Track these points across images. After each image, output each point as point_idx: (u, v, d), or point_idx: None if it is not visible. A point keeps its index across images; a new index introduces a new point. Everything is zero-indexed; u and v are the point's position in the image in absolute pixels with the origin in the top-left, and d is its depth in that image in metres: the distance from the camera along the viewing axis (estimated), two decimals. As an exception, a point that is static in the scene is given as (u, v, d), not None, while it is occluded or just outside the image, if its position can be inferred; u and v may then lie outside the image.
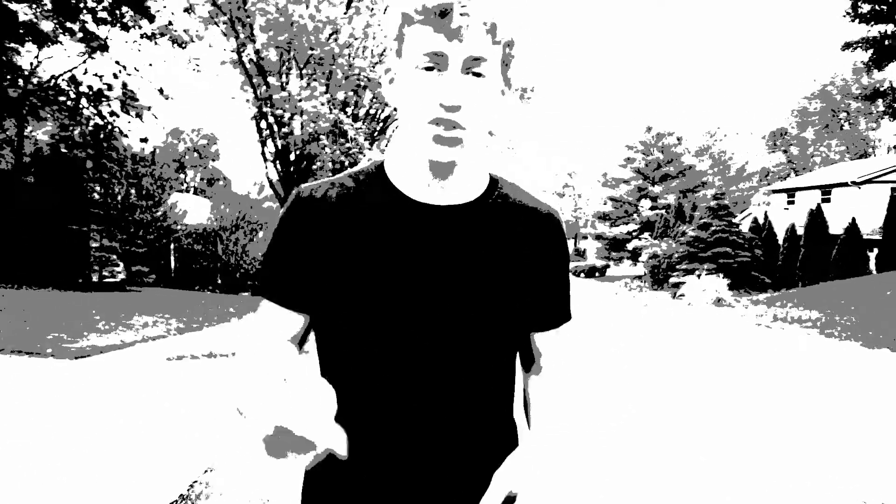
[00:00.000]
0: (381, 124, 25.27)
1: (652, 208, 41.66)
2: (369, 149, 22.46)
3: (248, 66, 21.77)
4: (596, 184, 48.88)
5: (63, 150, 22.67)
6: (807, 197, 36.22)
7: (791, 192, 38.12)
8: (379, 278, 0.95)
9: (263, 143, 23.92)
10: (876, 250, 21.29)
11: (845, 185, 32.27)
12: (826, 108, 59.68)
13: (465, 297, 0.96)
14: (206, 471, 3.92)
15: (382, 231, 0.97)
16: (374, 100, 25.32)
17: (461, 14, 0.85)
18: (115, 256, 16.68)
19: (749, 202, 49.16)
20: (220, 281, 20.62)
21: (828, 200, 33.92)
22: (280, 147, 22.53)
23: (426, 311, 0.95)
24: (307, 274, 0.98)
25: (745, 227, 26.93)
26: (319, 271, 0.97)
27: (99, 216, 18.03)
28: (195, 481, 3.75)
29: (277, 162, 23.51)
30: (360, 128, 21.10)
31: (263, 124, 23.18)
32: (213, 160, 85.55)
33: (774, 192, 40.74)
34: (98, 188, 17.50)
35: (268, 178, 24.26)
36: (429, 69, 0.88)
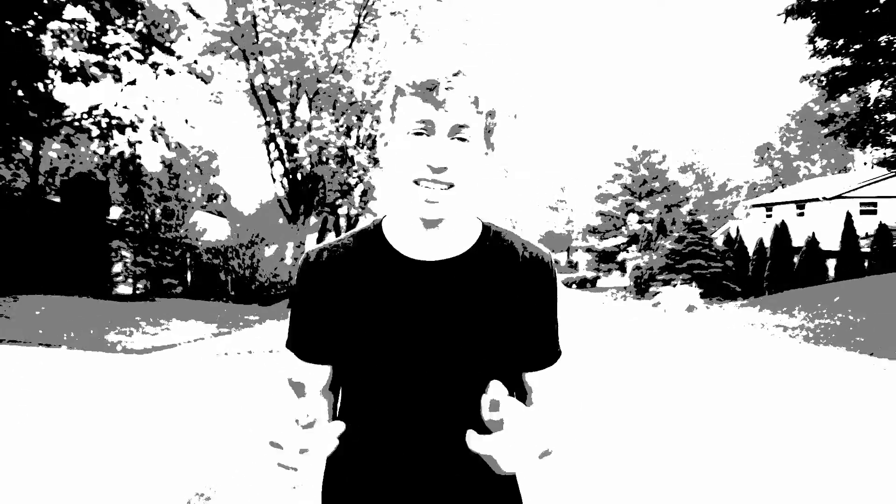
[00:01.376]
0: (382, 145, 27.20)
1: (639, 222, 43.69)
2: (370, 167, 24.38)
3: (259, 94, 23.72)
4: (587, 198, 51.00)
5: (88, 174, 24.57)
6: (783, 211, 38.29)
7: (769, 207, 40.18)
8: (379, 332, 1.05)
9: (272, 165, 25.87)
10: (835, 260, 23.24)
11: (817, 200, 34.34)
12: (808, 124, 62.04)
13: (456, 344, 1.04)
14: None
15: (381, 288, 1.07)
16: (374, 123, 27.30)
17: (447, 88, 0.97)
18: (144, 270, 18.49)
19: (732, 215, 51.28)
20: (233, 292, 22.40)
21: (802, 214, 35.99)
22: (289, 168, 24.42)
23: (423, 360, 1.05)
24: (320, 333, 1.10)
25: (746, 235, 28.94)
26: (331, 326, 1.09)
27: (125, 233, 19.89)
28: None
29: (285, 181, 25.44)
30: (363, 151, 22.99)
31: (272, 147, 25.15)
32: (214, 175, 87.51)
33: (755, 206, 42.82)
34: (131, 209, 19.36)
35: (277, 196, 26.20)
36: (418, 134, 0.99)
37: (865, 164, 50.57)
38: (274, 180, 26.40)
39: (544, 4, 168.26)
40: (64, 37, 17.07)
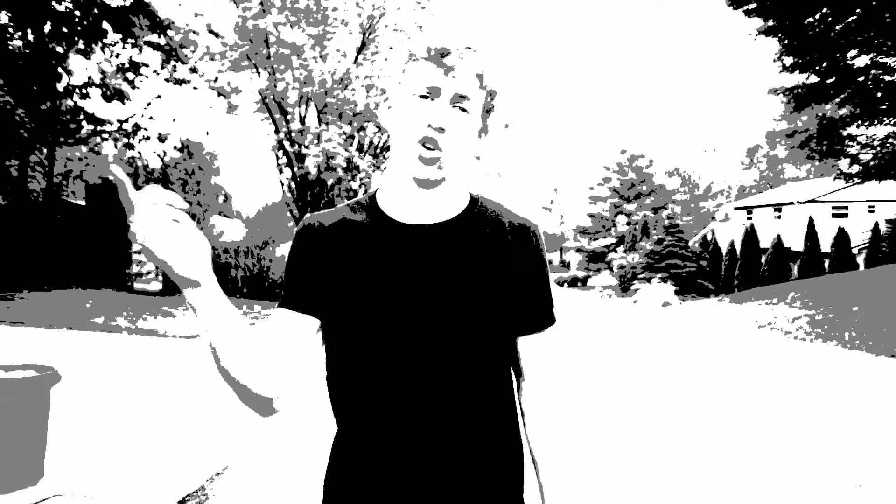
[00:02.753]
0: (383, 153, 29.11)
1: (627, 224, 45.73)
2: (375, 171, 26.38)
3: (269, 105, 25.62)
4: (578, 200, 53.11)
5: (111, 180, 26.45)
6: (762, 213, 40.43)
7: (749, 210, 42.32)
8: (372, 294, 1.06)
9: (280, 171, 27.80)
10: (800, 261, 25.28)
11: (792, 203, 36.46)
12: (800, 126, 63.97)
13: (449, 305, 1.06)
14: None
15: (373, 251, 1.09)
16: (377, 132, 29.30)
17: (457, 58, 1.04)
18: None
19: (714, 218, 53.36)
20: (245, 290, 24.39)
21: (779, 217, 38.10)
22: (297, 174, 26.33)
23: (416, 322, 1.05)
24: (315, 289, 1.11)
25: (721, 237, 30.93)
26: (323, 288, 1.10)
27: None
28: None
29: (293, 185, 27.35)
30: (367, 159, 24.93)
31: (281, 154, 27.08)
32: (215, 176, 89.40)
33: (737, 208, 44.94)
34: None
35: (284, 200, 28.12)
36: (423, 97, 1.04)
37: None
38: (282, 185, 28.37)
39: (537, 12, 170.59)
40: (102, 58, 19.01)
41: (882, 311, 13.16)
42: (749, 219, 41.95)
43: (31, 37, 17.87)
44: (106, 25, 18.40)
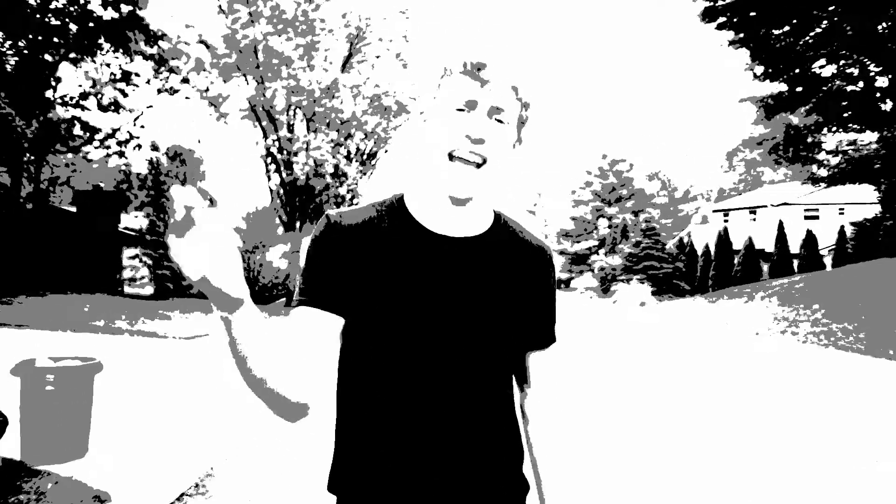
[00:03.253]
0: (370, 160, 29.75)
1: (609, 227, 46.78)
2: (362, 178, 27.12)
3: (259, 114, 26.23)
4: (562, 203, 54.15)
5: (104, 188, 26.95)
6: (738, 215, 41.69)
7: (727, 212, 43.58)
8: (398, 299, 1.06)
9: (269, 178, 28.39)
10: (770, 262, 26.39)
11: (765, 206, 37.71)
12: (772, 133, 65.68)
13: (472, 318, 1.08)
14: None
15: (402, 257, 1.08)
16: (364, 139, 29.94)
17: (493, 70, 1.05)
18: (169, 273, 21.03)
19: (705, 219, 54.70)
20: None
21: (754, 220, 39.37)
22: (286, 180, 26.94)
23: (439, 329, 1.07)
24: (338, 285, 1.08)
25: (705, 239, 31.99)
26: (347, 287, 1.07)
27: (145, 241, 22.42)
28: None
29: (282, 192, 27.95)
30: (354, 166, 25.64)
31: (270, 160, 27.68)
32: (200, 181, 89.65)
33: (714, 211, 46.20)
34: (157, 217, 21.87)
35: (273, 206, 28.71)
36: (460, 110, 1.05)
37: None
38: (271, 191, 28.95)
39: (524, 21, 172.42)
40: (92, 66, 19.58)
41: (843, 309, 14.12)
42: (726, 221, 43.19)
43: (24, 49, 18.45)
44: (99, 37, 19.03)
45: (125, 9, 17.88)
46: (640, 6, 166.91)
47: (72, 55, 19.49)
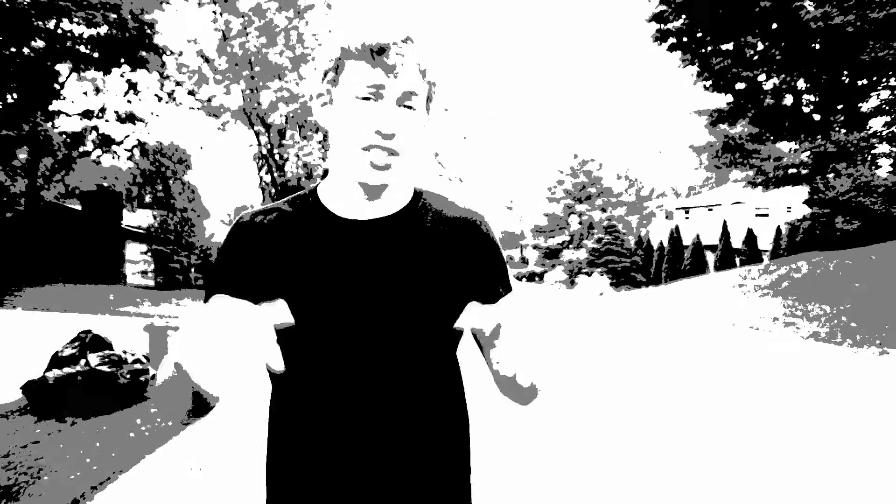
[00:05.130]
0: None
1: (580, 223, 49.62)
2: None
3: (252, 119, 28.48)
4: (536, 200, 56.91)
5: (107, 187, 29.02)
6: (698, 213, 44.81)
7: (687, 209, 46.71)
8: (317, 288, 1.04)
9: (261, 179, 30.67)
10: (715, 256, 29.38)
11: (720, 205, 40.82)
12: (717, 141, 68.97)
13: (390, 297, 1.05)
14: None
15: (315, 247, 1.07)
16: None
17: (397, 53, 0.97)
18: (178, 266, 23.29)
19: (670, 216, 57.89)
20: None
21: (711, 217, 42.48)
22: (277, 181, 29.25)
23: (362, 312, 1.05)
24: (249, 277, 1.06)
25: (658, 236, 34.90)
26: (258, 279, 1.06)
27: (152, 238, 24.68)
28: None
29: (273, 192, 30.25)
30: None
31: (262, 162, 29.96)
32: (183, 175, 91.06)
33: (678, 208, 49.33)
34: (165, 215, 24.13)
35: (265, 202, 30.96)
36: (366, 99, 0.98)
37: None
38: (262, 191, 31.23)
39: (500, 26, 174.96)
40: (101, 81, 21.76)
41: (772, 297, 16.94)
42: (687, 218, 46.33)
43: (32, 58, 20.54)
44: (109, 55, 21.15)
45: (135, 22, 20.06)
46: (612, 13, 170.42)
47: (89, 71, 21.65)
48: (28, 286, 20.89)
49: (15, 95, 20.87)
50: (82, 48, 21.12)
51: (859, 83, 24.26)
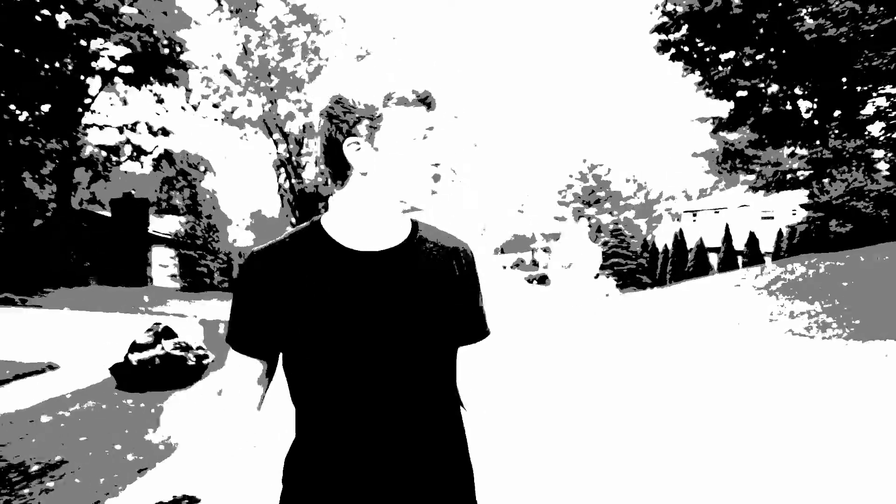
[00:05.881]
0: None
1: (589, 226, 50.62)
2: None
3: (271, 128, 29.82)
4: (547, 205, 57.97)
5: (134, 195, 30.52)
6: (705, 216, 45.63)
7: (695, 213, 47.53)
8: (326, 315, 1.14)
9: (280, 186, 31.99)
10: (718, 258, 30.28)
11: (726, 208, 41.64)
12: (718, 148, 69.53)
13: (396, 322, 1.16)
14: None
15: (325, 276, 1.16)
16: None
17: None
18: (205, 269, 24.70)
19: (678, 218, 58.68)
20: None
21: (717, 220, 43.27)
22: (296, 187, 30.56)
23: (368, 337, 1.15)
24: (265, 323, 1.17)
25: (664, 239, 35.87)
26: (276, 318, 1.16)
27: (163, 239, 26.16)
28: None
29: (292, 198, 31.58)
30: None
31: (281, 169, 31.30)
32: (200, 181, 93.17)
33: (685, 211, 50.14)
34: (193, 220, 25.57)
35: (285, 212, 32.33)
36: (423, 138, 1.18)
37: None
38: (281, 197, 32.57)
39: (518, 36, 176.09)
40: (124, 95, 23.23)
41: (767, 296, 17.93)
42: (694, 221, 47.16)
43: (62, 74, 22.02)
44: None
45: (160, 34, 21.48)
46: (620, 21, 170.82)
47: (118, 85, 23.13)
48: (65, 287, 22.35)
49: (46, 108, 22.37)
50: (113, 64, 22.55)
51: (858, 89, 25.14)
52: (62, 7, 19.36)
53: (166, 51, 20.38)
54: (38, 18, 18.95)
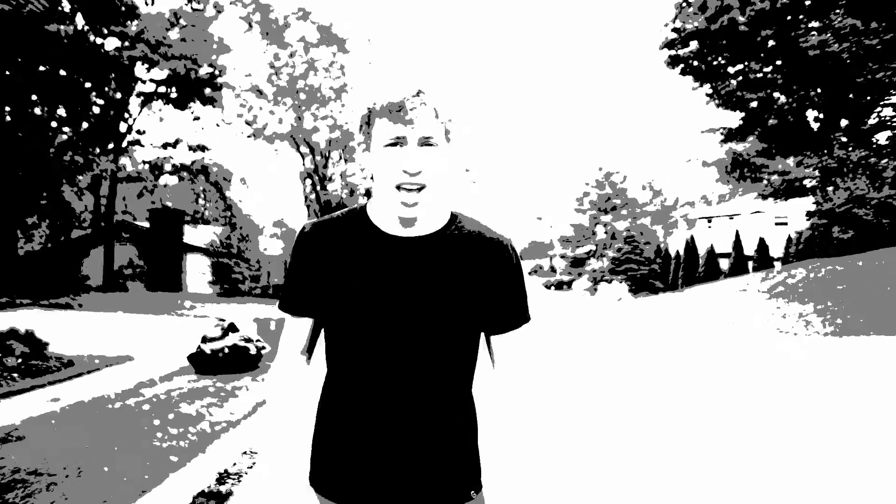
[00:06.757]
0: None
1: (605, 233, 51.52)
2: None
3: (298, 141, 31.45)
4: (564, 211, 58.99)
5: (168, 205, 32.41)
6: (720, 222, 46.45)
7: (710, 219, 48.35)
8: (363, 295, 1.24)
9: (306, 197, 33.60)
10: (728, 264, 31.20)
11: (739, 214, 42.45)
12: (726, 157, 69.86)
13: (426, 306, 1.24)
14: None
15: (361, 255, 1.27)
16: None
17: (412, 108, 1.19)
18: (240, 277, 26.41)
19: (692, 224, 59.32)
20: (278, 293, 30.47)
21: (731, 226, 44.04)
22: (322, 199, 32.13)
23: (399, 318, 1.23)
24: (310, 291, 1.30)
25: (678, 245, 36.78)
26: (321, 288, 1.29)
27: (196, 248, 27.95)
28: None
29: (318, 209, 33.15)
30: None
31: (308, 181, 32.91)
32: (227, 191, 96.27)
33: (700, 217, 50.91)
34: (230, 235, 27.30)
35: (310, 218, 33.95)
36: (392, 145, 1.21)
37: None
38: (308, 208, 34.16)
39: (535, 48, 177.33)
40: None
41: (768, 299, 18.98)
42: (710, 227, 47.94)
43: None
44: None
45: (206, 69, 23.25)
46: (636, 32, 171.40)
47: (156, 104, 24.99)
48: (110, 292, 24.12)
49: (86, 124, 24.19)
50: (153, 86, 24.34)
51: (865, 99, 25.99)
52: (112, 34, 21.14)
53: (207, 76, 22.10)
54: (86, 45, 20.75)
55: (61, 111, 21.82)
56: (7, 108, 20.18)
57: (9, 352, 8.12)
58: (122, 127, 25.48)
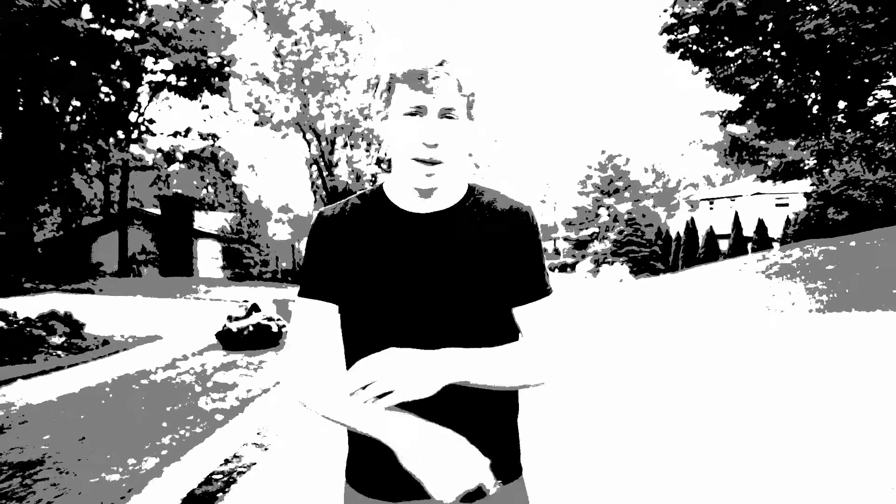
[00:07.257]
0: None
1: (608, 215, 52.08)
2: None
3: (304, 128, 32.03)
4: (568, 194, 59.49)
5: (179, 192, 33.14)
6: (721, 203, 46.92)
7: (711, 200, 48.79)
8: (385, 273, 1.21)
9: (313, 184, 34.24)
10: (727, 245, 31.79)
11: (741, 196, 42.92)
12: (724, 140, 70.00)
13: (448, 283, 1.20)
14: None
15: (384, 236, 1.24)
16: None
17: (434, 77, 1.13)
18: (250, 261, 27.19)
19: (695, 206, 59.80)
20: (288, 277, 30.99)
21: (732, 207, 44.53)
22: (328, 185, 32.78)
23: (421, 295, 1.20)
24: (333, 275, 1.25)
25: (679, 227, 37.38)
26: (342, 271, 1.24)
27: (207, 234, 28.69)
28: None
29: (324, 195, 33.81)
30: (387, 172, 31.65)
31: (314, 167, 33.54)
32: (233, 177, 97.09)
33: (702, 199, 51.37)
34: (241, 221, 28.04)
35: (317, 204, 34.58)
36: (412, 114, 1.15)
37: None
38: (314, 194, 34.81)
39: (542, 32, 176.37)
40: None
41: (764, 278, 19.65)
42: (711, 208, 48.42)
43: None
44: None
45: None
46: (638, 14, 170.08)
47: (163, 93, 25.61)
48: (124, 276, 24.94)
49: (96, 114, 24.82)
50: (162, 76, 24.94)
51: (863, 82, 26.37)
52: (121, 27, 21.70)
53: (215, 66, 22.66)
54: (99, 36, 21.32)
55: (73, 102, 22.46)
56: (21, 100, 20.86)
57: (52, 331, 8.90)
58: (132, 116, 26.17)
